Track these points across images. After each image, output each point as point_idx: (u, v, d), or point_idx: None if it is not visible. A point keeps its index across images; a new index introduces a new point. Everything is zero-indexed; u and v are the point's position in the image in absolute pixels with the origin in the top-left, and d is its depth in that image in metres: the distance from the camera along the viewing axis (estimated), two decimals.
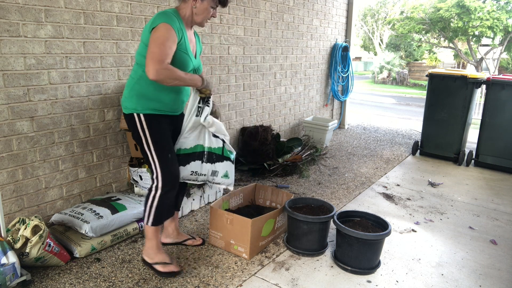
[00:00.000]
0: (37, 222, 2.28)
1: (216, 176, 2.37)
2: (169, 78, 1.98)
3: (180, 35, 2.07)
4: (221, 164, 2.37)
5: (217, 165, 2.36)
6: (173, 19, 2.03)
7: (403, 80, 21.25)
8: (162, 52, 1.93)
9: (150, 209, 2.23)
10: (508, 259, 2.73)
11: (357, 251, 2.44)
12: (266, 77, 4.87)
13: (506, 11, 14.90)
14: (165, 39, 1.95)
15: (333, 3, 6.08)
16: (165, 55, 1.94)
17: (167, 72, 1.95)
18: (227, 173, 2.39)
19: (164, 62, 1.93)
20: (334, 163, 4.83)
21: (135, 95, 2.15)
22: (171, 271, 2.30)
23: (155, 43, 1.94)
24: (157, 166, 2.18)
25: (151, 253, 2.33)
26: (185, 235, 2.74)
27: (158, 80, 1.95)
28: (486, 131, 4.69)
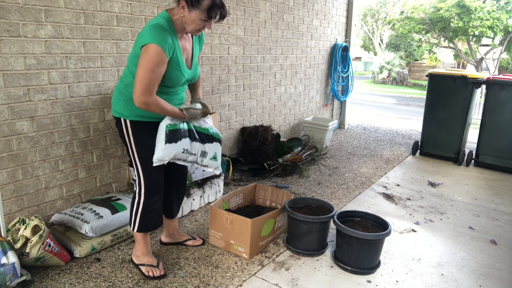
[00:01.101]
0: (37, 222, 2.28)
1: (205, 158, 2.24)
2: (153, 110, 1.98)
3: (172, 52, 1.96)
4: (210, 145, 2.25)
5: (206, 146, 2.24)
6: (165, 36, 1.89)
7: (403, 80, 21.25)
8: (150, 81, 1.88)
9: (135, 215, 2.25)
10: (508, 259, 2.73)
11: (357, 251, 2.44)
12: (266, 77, 4.87)
13: (506, 11, 14.90)
14: (154, 65, 1.87)
15: (333, 3, 6.08)
16: (153, 85, 1.90)
17: (152, 107, 1.94)
18: (215, 155, 2.28)
19: (152, 93, 1.90)
20: (334, 163, 4.83)
21: (122, 99, 2.11)
22: (155, 276, 2.30)
23: (145, 69, 1.86)
24: (140, 173, 2.18)
25: (139, 255, 2.37)
26: (186, 235, 2.74)
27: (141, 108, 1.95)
28: (486, 131, 4.69)
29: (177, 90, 2.17)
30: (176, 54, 1.99)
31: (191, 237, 2.75)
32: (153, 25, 1.91)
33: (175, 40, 1.99)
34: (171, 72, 2.00)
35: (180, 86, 2.17)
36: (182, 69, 2.06)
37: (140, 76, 1.87)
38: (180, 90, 2.20)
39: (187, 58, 2.13)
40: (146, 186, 2.20)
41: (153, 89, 1.90)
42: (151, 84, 1.89)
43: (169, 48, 1.92)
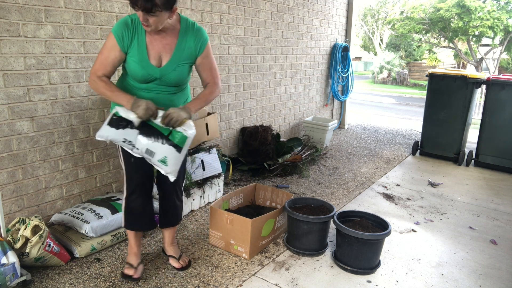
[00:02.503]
0: (37, 222, 2.28)
1: (152, 157, 2.02)
2: (96, 90, 2.02)
3: (127, 42, 1.96)
4: (161, 146, 2.00)
5: (155, 145, 2.00)
6: (122, 28, 1.96)
7: (403, 80, 21.25)
8: (98, 62, 2.00)
9: (123, 212, 2.29)
10: (508, 259, 2.73)
11: (357, 251, 2.44)
12: (266, 77, 4.87)
13: (506, 11, 14.90)
14: (104, 48, 1.99)
15: (333, 3, 6.08)
16: (99, 66, 1.99)
17: (93, 84, 2.00)
18: (164, 159, 2.03)
19: (95, 73, 1.99)
20: (334, 163, 4.83)
21: None
22: (127, 275, 2.28)
23: (100, 52, 2.02)
24: (123, 168, 2.21)
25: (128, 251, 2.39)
26: (172, 251, 2.49)
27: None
28: (486, 131, 4.69)
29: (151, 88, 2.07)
30: (136, 47, 1.98)
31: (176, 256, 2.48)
32: (122, 18, 2.02)
33: (138, 32, 1.99)
34: (130, 64, 2.02)
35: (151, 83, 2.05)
36: (144, 63, 1.99)
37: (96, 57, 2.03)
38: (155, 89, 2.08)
39: (160, 57, 2.03)
40: (126, 183, 2.23)
41: (97, 69, 1.99)
42: (98, 64, 1.99)
43: (123, 36, 1.96)
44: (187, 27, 2.07)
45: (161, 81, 2.06)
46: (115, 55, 1.99)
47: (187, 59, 2.09)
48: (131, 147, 2.04)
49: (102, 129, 2.01)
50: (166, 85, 2.09)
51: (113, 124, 2.01)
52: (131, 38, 1.98)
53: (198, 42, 2.10)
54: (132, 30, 1.99)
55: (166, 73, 2.05)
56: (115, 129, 2.00)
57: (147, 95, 2.07)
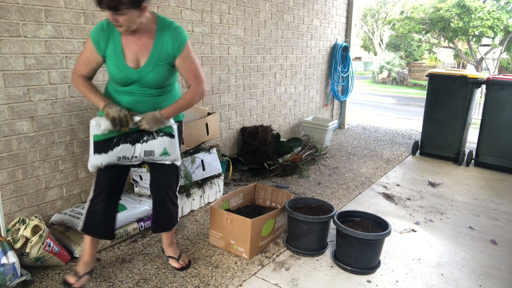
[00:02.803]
0: (37, 222, 2.28)
1: (154, 155, 2.08)
2: (77, 88, 2.07)
3: (103, 45, 1.97)
4: (155, 141, 2.05)
5: (149, 144, 2.05)
6: (97, 29, 1.98)
7: (403, 80, 21.25)
8: (78, 62, 2.05)
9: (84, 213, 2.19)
10: (508, 259, 2.73)
11: (357, 251, 2.44)
12: (266, 77, 4.87)
13: (506, 11, 14.89)
14: (84, 50, 2.03)
15: (333, 3, 6.08)
16: (79, 65, 2.04)
17: (75, 82, 2.06)
18: (165, 150, 2.09)
19: (76, 72, 2.04)
20: (334, 163, 4.83)
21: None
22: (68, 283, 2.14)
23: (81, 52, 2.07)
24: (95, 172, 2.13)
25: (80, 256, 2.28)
26: (172, 251, 2.47)
27: None
28: (486, 131, 4.69)
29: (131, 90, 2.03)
30: (112, 50, 1.98)
31: (175, 257, 2.46)
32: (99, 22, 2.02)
33: (113, 35, 1.97)
34: (108, 66, 2.02)
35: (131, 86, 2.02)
36: (120, 65, 1.98)
37: None
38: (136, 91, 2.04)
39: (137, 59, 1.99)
40: (94, 184, 2.14)
41: (79, 69, 2.03)
42: (79, 64, 2.04)
43: (99, 42, 1.98)
44: (164, 26, 2.00)
45: (141, 83, 2.02)
46: (93, 58, 2.01)
47: (165, 60, 2.02)
48: (128, 160, 2.06)
49: (92, 159, 2.01)
50: (147, 87, 2.04)
51: (100, 150, 2.00)
52: (106, 42, 1.98)
53: (176, 42, 2.00)
54: (107, 33, 1.97)
55: (143, 75, 2.00)
56: (104, 153, 2.00)
57: (130, 99, 2.05)
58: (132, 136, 2.04)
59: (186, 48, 2.04)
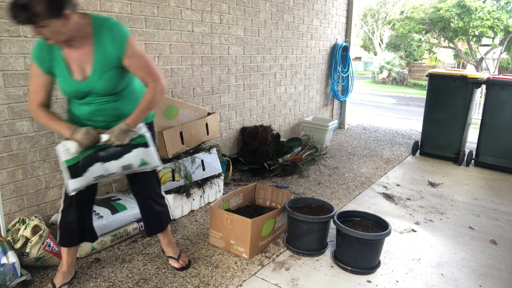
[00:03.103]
0: (37, 222, 2.29)
1: (132, 168, 1.99)
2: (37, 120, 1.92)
3: (47, 63, 1.83)
4: (131, 155, 1.95)
5: (125, 158, 1.94)
6: (36, 48, 1.84)
7: (403, 80, 21.25)
8: (30, 92, 1.88)
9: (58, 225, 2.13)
10: (508, 259, 2.73)
11: (357, 251, 2.44)
12: (266, 77, 4.87)
13: (506, 11, 14.89)
14: (31, 76, 1.87)
15: (333, 3, 6.08)
16: (32, 95, 1.89)
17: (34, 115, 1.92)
18: (143, 161, 1.99)
19: (32, 104, 1.89)
20: (334, 163, 4.83)
21: None
22: None
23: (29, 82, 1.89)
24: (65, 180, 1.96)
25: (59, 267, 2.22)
26: (172, 251, 2.46)
27: None
28: (486, 131, 4.69)
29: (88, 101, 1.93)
30: (57, 66, 1.84)
31: (175, 257, 2.46)
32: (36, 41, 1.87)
33: (54, 51, 1.83)
34: (59, 83, 1.89)
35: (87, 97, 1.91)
36: (68, 81, 1.85)
37: None
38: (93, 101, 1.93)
39: (81, 69, 1.85)
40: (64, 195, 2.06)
41: (33, 99, 1.88)
42: (31, 94, 1.89)
43: (41, 62, 1.84)
44: (100, 28, 1.82)
45: (94, 93, 1.90)
46: (42, 79, 1.87)
47: (111, 64, 1.85)
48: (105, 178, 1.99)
49: (69, 184, 1.90)
50: (101, 96, 1.92)
51: (74, 174, 1.89)
52: (49, 58, 1.84)
53: (116, 42, 1.82)
54: (47, 50, 1.83)
55: (93, 85, 1.86)
56: (80, 177, 1.89)
57: (89, 109, 1.94)
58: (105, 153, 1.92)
59: (129, 45, 1.84)
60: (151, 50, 3.31)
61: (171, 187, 3.08)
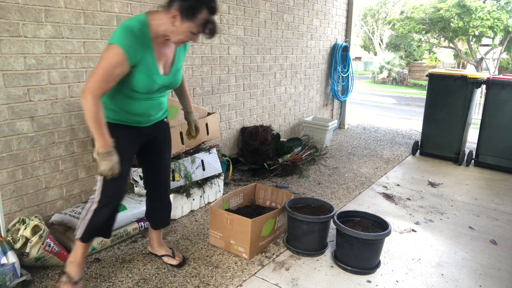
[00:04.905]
0: (37, 222, 2.28)
1: None
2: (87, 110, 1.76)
3: (138, 58, 1.82)
4: None
5: None
6: (131, 41, 1.77)
7: (403, 80, 21.25)
8: (98, 79, 1.75)
9: (82, 222, 2.04)
10: (508, 259, 2.73)
11: (357, 251, 2.44)
12: (266, 77, 4.87)
13: (506, 11, 14.89)
14: (109, 65, 1.75)
15: (333, 3, 6.08)
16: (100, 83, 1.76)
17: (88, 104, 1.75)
18: None
19: (93, 92, 1.75)
20: (334, 163, 4.83)
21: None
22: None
23: (100, 65, 1.76)
24: (99, 178, 1.98)
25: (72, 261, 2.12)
26: (165, 249, 2.50)
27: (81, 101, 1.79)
28: (486, 131, 4.69)
29: (151, 96, 2.01)
30: (146, 60, 1.86)
31: (170, 254, 2.49)
32: (125, 27, 1.79)
33: (147, 47, 1.84)
34: (139, 78, 1.86)
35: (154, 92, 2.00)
36: (154, 76, 1.91)
37: (94, 72, 1.76)
38: (155, 96, 2.04)
39: (165, 64, 1.97)
40: (102, 194, 1.99)
41: (101, 87, 1.77)
42: (100, 82, 1.76)
43: (133, 53, 1.79)
44: None
45: (168, 87, 2.03)
46: (122, 71, 1.79)
47: (182, 61, 2.11)
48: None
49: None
50: (169, 89, 2.09)
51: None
52: (141, 52, 1.82)
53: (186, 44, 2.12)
54: (141, 42, 1.81)
55: (173, 79, 2.03)
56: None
57: (151, 103, 2.02)
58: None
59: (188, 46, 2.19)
60: None
61: (171, 187, 3.08)
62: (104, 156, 1.80)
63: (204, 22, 1.80)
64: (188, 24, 1.80)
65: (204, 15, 1.79)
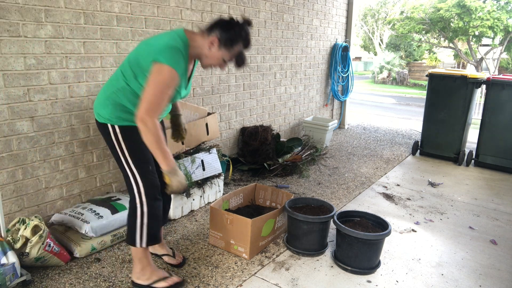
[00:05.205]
0: (37, 222, 2.28)
1: None
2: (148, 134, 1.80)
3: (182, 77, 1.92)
4: None
5: None
6: (181, 62, 1.85)
7: (403, 80, 21.25)
8: (158, 101, 1.81)
9: (141, 228, 2.04)
10: (508, 259, 2.73)
11: (357, 251, 2.44)
12: (266, 77, 4.87)
13: (506, 11, 14.89)
14: (166, 87, 1.81)
15: (333, 3, 6.08)
16: (160, 105, 1.82)
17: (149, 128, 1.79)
18: None
19: (156, 115, 1.80)
20: (334, 163, 4.83)
21: (111, 104, 1.97)
22: (176, 283, 2.18)
23: (156, 89, 1.80)
24: (138, 178, 2.00)
25: (146, 273, 2.15)
26: (165, 249, 2.51)
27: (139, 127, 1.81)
28: (486, 131, 4.69)
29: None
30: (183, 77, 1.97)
31: (170, 254, 2.50)
32: (173, 48, 1.84)
33: (187, 63, 1.94)
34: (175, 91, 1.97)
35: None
36: (181, 90, 2.02)
37: (149, 95, 1.80)
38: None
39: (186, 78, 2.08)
40: (146, 191, 2.01)
41: (158, 110, 1.82)
42: (158, 104, 1.81)
43: (182, 73, 1.88)
44: None
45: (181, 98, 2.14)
46: (174, 90, 1.89)
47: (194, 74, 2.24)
48: None
49: None
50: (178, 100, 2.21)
51: None
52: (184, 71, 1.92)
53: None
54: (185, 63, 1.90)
55: (189, 90, 2.18)
56: None
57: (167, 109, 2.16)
58: None
59: None
60: None
61: None
62: (173, 174, 1.89)
63: (238, 54, 1.96)
64: (224, 52, 1.93)
65: (240, 47, 1.95)
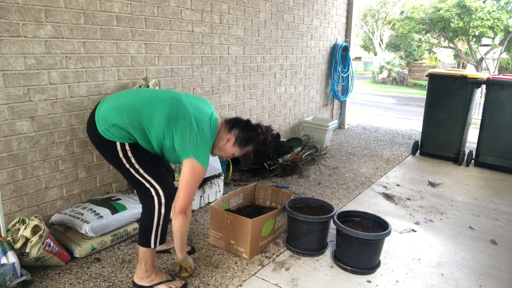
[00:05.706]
0: (37, 222, 2.28)
1: None
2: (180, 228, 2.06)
3: None
4: None
5: None
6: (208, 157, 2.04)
7: (403, 80, 21.25)
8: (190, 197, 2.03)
9: (157, 230, 2.11)
10: (508, 259, 2.73)
11: (357, 251, 2.44)
12: (266, 77, 4.87)
13: (506, 11, 14.89)
14: (197, 182, 2.04)
15: (333, 3, 6.08)
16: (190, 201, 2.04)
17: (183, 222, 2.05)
18: None
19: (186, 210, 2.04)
20: (334, 163, 4.83)
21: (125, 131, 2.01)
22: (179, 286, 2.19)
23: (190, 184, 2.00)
24: (154, 183, 2.07)
25: (150, 275, 2.18)
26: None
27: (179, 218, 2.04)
28: (486, 131, 4.69)
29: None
30: None
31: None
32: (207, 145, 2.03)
33: None
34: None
35: None
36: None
37: (185, 188, 2.00)
38: None
39: None
40: (165, 192, 2.08)
41: (189, 203, 2.04)
42: (189, 198, 2.03)
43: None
44: None
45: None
46: None
47: None
48: None
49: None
50: None
51: None
52: None
53: None
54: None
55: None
56: None
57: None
58: None
59: None
60: (151, 50, 3.31)
61: None
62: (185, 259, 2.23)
63: (247, 153, 2.21)
64: (236, 149, 2.16)
65: (250, 148, 2.19)
